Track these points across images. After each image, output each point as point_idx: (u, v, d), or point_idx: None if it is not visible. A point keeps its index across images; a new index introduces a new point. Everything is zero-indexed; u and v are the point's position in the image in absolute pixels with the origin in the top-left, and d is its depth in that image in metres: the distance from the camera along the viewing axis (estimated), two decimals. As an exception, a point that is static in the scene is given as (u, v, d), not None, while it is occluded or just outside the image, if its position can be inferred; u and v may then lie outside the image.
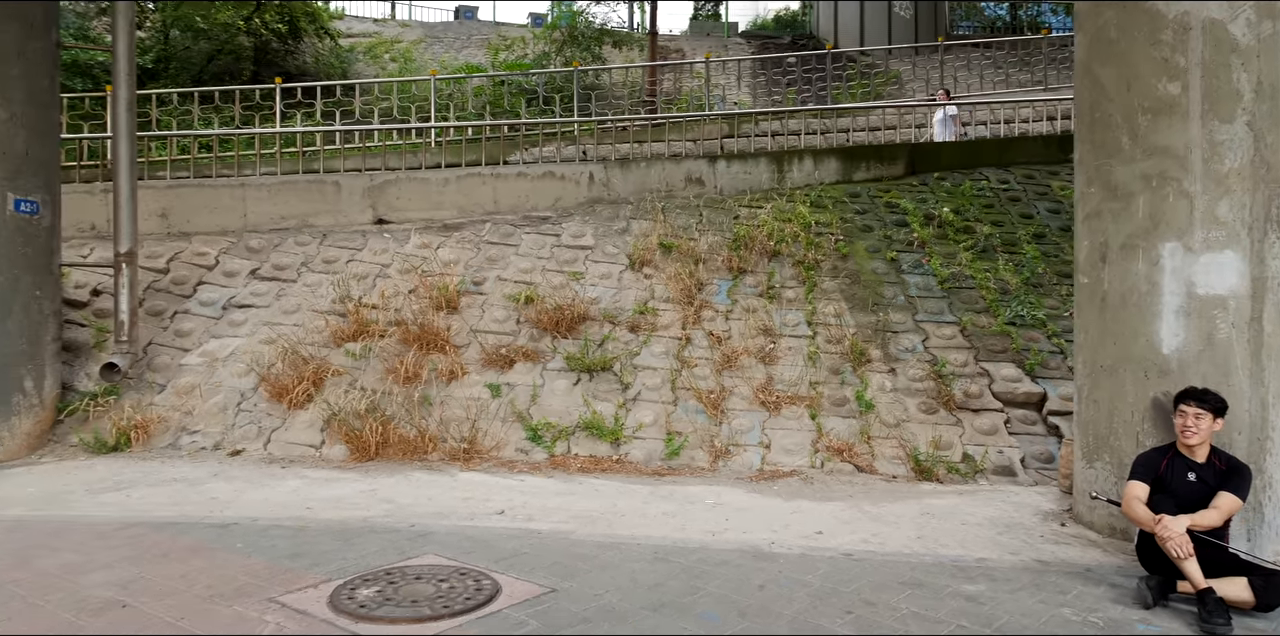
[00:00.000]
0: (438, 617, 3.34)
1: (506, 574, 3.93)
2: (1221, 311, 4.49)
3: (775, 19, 28.46)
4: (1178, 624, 3.58)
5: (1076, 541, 4.78)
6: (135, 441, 6.70)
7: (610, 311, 7.92)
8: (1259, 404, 4.45)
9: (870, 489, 5.89)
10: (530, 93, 14.40)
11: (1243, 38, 4.45)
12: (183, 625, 3.31)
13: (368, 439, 6.53)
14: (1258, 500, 4.44)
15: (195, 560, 4.14)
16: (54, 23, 7.01)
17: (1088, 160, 5.04)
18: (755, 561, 4.25)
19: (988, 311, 7.93)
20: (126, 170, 7.29)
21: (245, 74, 15.60)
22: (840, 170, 10.41)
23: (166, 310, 8.04)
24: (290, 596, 3.60)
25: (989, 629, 3.44)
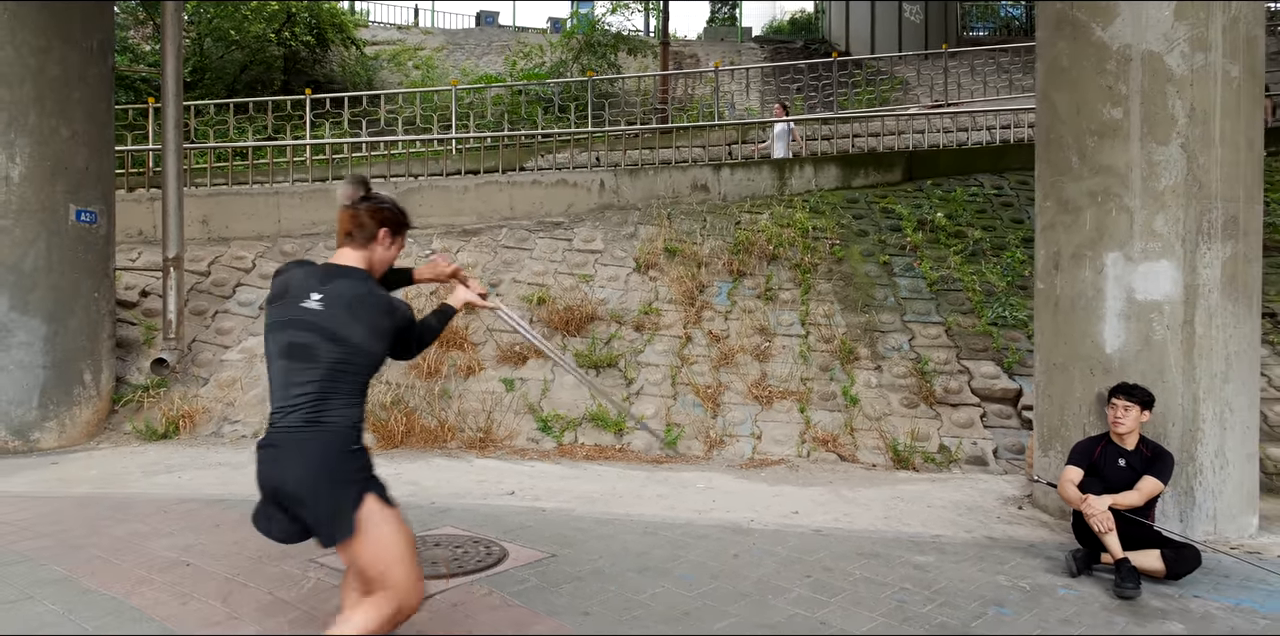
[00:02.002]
0: (453, 575, 3.93)
1: (514, 542, 4.51)
2: (1158, 315, 4.98)
3: (790, 22, 28.87)
4: (1096, 590, 4.09)
5: (1029, 522, 5.29)
6: (182, 429, 7.37)
7: (617, 312, 8.49)
8: (1191, 398, 4.94)
9: (850, 476, 6.42)
10: (547, 101, 15.01)
11: (1177, 68, 4.93)
12: (239, 579, 3.92)
13: (393, 428, 7.14)
14: (1189, 485, 4.94)
15: (244, 529, 4.74)
16: (110, 50, 7.69)
17: (1044, 177, 5.54)
18: (733, 535, 4.80)
19: (972, 312, 8.42)
20: (174, 182, 7.96)
21: (276, 83, 16.34)
22: (840, 176, 10.91)
23: (208, 310, 8.71)
24: (328, 558, 4.20)
25: (928, 591, 3.98)
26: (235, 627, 3.39)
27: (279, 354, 2.59)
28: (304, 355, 2.55)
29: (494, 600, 3.68)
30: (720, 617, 3.56)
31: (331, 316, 2.56)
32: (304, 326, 2.56)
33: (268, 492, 2.56)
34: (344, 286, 2.61)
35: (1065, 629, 3.58)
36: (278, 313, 2.62)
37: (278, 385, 2.58)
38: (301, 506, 2.50)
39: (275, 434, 2.54)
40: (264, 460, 2.54)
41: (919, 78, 16.53)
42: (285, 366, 2.57)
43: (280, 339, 2.59)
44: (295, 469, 2.49)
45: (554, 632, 3.37)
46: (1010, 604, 3.84)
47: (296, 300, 2.59)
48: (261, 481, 2.56)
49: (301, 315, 2.57)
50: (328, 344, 2.55)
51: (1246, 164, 4.99)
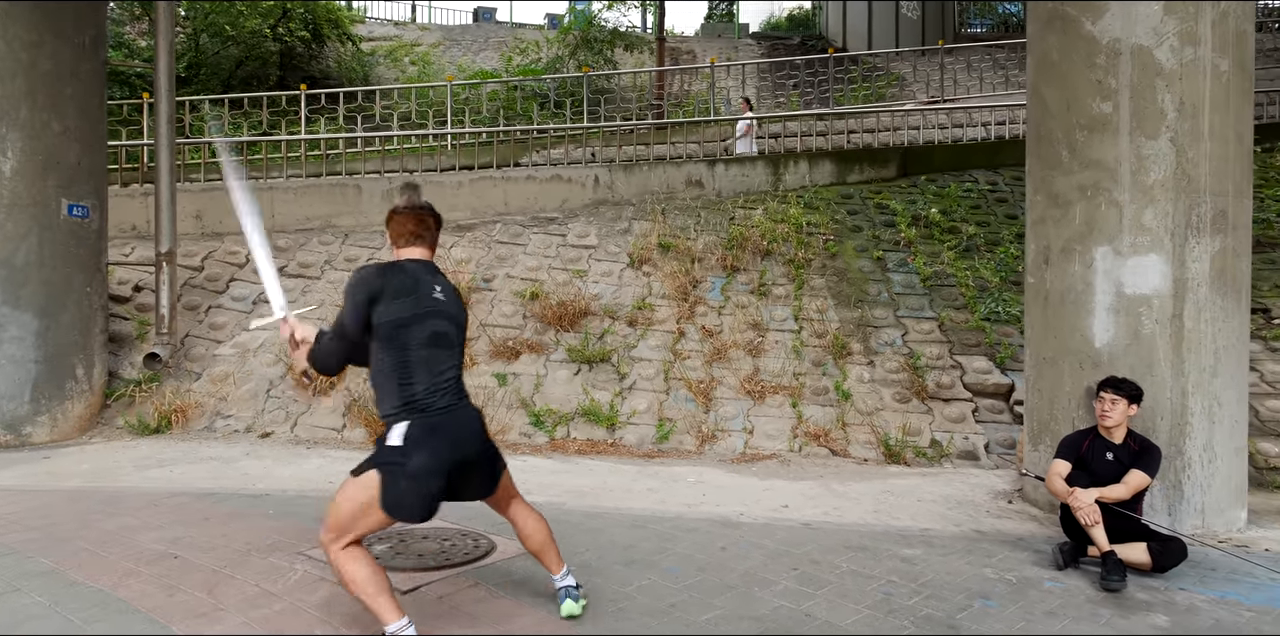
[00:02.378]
0: (439, 568, 3.94)
1: (501, 536, 4.51)
2: (1146, 309, 4.98)
3: (788, 18, 28.84)
4: (1082, 582, 4.10)
5: (1018, 516, 5.30)
6: (175, 424, 7.37)
7: (610, 307, 8.50)
8: (1179, 392, 4.95)
9: (841, 470, 6.43)
10: (543, 97, 15.00)
11: (1167, 62, 4.94)
12: (225, 571, 3.93)
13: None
14: (1178, 479, 4.95)
15: (233, 523, 4.76)
16: (103, 45, 7.67)
17: (1034, 172, 5.54)
18: (722, 529, 4.81)
19: (966, 308, 8.43)
20: (167, 177, 7.95)
21: (272, 78, 16.32)
22: (834, 172, 10.91)
23: (201, 305, 8.72)
24: (315, 551, 4.20)
25: (915, 583, 3.98)
26: (220, 618, 3.39)
27: (425, 343, 2.94)
28: (446, 342, 3.00)
29: (480, 592, 3.69)
30: (705, 610, 3.57)
31: (453, 305, 3.06)
32: (441, 317, 2.99)
33: (449, 466, 2.92)
34: (445, 280, 3.12)
35: (1050, 621, 3.59)
36: (413, 305, 2.93)
37: (423, 371, 2.92)
38: (479, 468, 3.09)
39: (437, 415, 2.92)
40: (447, 440, 2.91)
41: (915, 73, 16.52)
42: (432, 354, 2.95)
43: (424, 329, 2.94)
44: (476, 439, 3.05)
45: (538, 624, 3.38)
46: (996, 596, 3.85)
47: (428, 293, 2.98)
48: (443, 458, 2.89)
49: (436, 306, 2.98)
50: (457, 331, 3.06)
51: (1235, 158, 4.99)
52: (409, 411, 2.89)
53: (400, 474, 2.84)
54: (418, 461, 2.82)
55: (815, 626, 3.43)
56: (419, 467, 2.83)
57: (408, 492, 2.85)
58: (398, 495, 2.84)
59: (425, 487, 2.87)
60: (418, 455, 2.82)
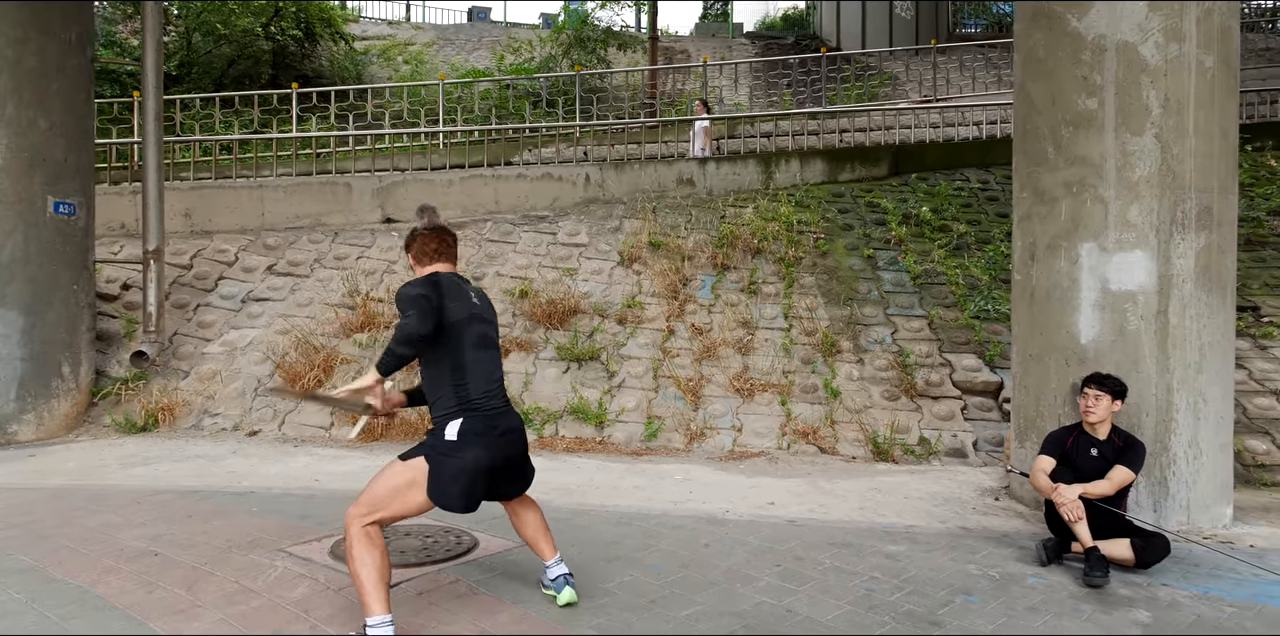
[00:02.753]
0: (421, 564, 3.92)
1: (485, 533, 4.50)
2: (1132, 305, 4.98)
3: (783, 18, 28.86)
4: (1065, 578, 4.09)
5: (1004, 513, 5.29)
6: (162, 422, 7.35)
7: (600, 305, 8.48)
8: (1164, 389, 4.94)
9: (829, 468, 6.42)
10: (535, 96, 14.98)
11: (1152, 58, 4.93)
12: (205, 568, 3.91)
13: (373, 422, 7.12)
14: (1163, 475, 4.94)
15: (216, 520, 4.74)
16: (89, 42, 7.64)
17: (1021, 168, 5.54)
18: (707, 526, 4.80)
19: (956, 306, 8.43)
20: (154, 175, 7.92)
21: (264, 77, 16.27)
22: (826, 171, 10.91)
23: (190, 303, 8.69)
24: (296, 548, 4.19)
25: (897, 579, 3.98)
26: (197, 615, 3.37)
27: (476, 344, 3.10)
28: (492, 344, 3.20)
29: (460, 588, 3.68)
30: (686, 606, 3.56)
31: (488, 310, 3.25)
32: (483, 321, 3.16)
33: (501, 463, 3.10)
34: (476, 288, 3.30)
35: (1031, 617, 3.58)
36: (463, 309, 3.09)
37: (478, 372, 3.09)
38: (518, 470, 3.26)
39: (497, 416, 3.09)
40: (499, 440, 3.07)
41: (908, 73, 16.53)
42: (484, 355, 3.12)
43: (474, 331, 3.11)
44: (521, 441, 3.20)
45: (517, 620, 3.37)
46: (978, 592, 3.84)
47: (469, 298, 3.15)
48: (496, 455, 3.06)
49: (475, 310, 3.14)
50: (495, 334, 3.24)
51: (1220, 154, 4.99)
52: (465, 410, 3.04)
53: (451, 465, 2.98)
54: (470, 456, 2.98)
55: (795, 622, 3.42)
56: (469, 462, 2.98)
57: (454, 483, 2.98)
58: (445, 484, 2.98)
59: (472, 484, 3.01)
60: (470, 450, 2.98)
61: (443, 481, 2.99)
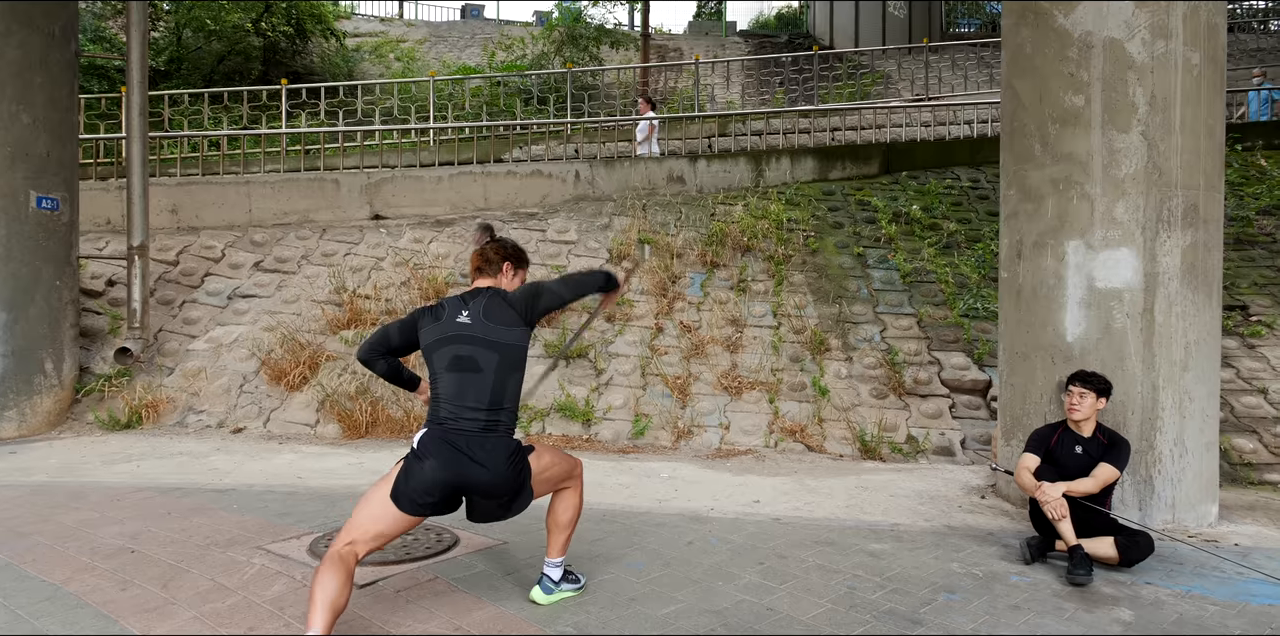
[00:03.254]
0: (400, 561, 3.89)
1: (467, 530, 4.46)
2: (1118, 303, 4.97)
3: (777, 17, 28.83)
4: (1049, 577, 4.07)
5: (990, 511, 5.28)
6: (146, 419, 7.29)
7: (589, 303, 8.44)
8: (1150, 387, 4.93)
9: (816, 466, 6.40)
10: (526, 93, 14.93)
11: (1138, 55, 4.92)
12: (181, 566, 3.86)
13: (358, 418, 7.08)
14: (1148, 474, 4.93)
15: (196, 517, 4.70)
16: (73, 35, 7.58)
17: (1008, 166, 5.52)
18: (691, 523, 4.77)
19: (945, 304, 8.41)
20: (139, 169, 7.86)
21: (254, 73, 16.20)
22: (816, 169, 10.89)
23: (176, 299, 8.63)
24: (275, 545, 4.15)
25: (880, 578, 3.95)
26: (171, 613, 3.33)
27: (449, 367, 3.12)
28: (470, 366, 3.11)
29: (438, 586, 3.64)
30: (666, 604, 3.53)
31: (483, 329, 3.11)
32: (465, 341, 3.09)
33: (459, 483, 3.06)
34: (490, 304, 3.15)
35: (1013, 615, 3.56)
36: (437, 332, 3.14)
37: (447, 392, 3.11)
38: (490, 497, 3.16)
39: (464, 436, 3.05)
40: (452, 458, 3.04)
41: (900, 71, 16.53)
42: (456, 378, 3.11)
43: (445, 354, 3.12)
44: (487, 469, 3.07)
45: (493, 619, 3.33)
46: (961, 590, 3.82)
47: (452, 319, 3.14)
48: (453, 475, 3.04)
49: (461, 331, 3.10)
50: (490, 354, 3.11)
51: (1207, 152, 4.98)
52: (431, 424, 3.09)
53: (410, 468, 3.02)
54: (426, 466, 2.99)
55: (775, 620, 3.39)
56: (425, 471, 2.98)
57: (405, 483, 2.99)
58: (399, 482, 3.00)
59: (421, 492, 2.98)
60: (426, 461, 2.99)
61: (398, 480, 3.02)
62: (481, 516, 3.19)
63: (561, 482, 3.38)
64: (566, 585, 3.54)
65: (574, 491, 3.44)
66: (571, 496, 3.43)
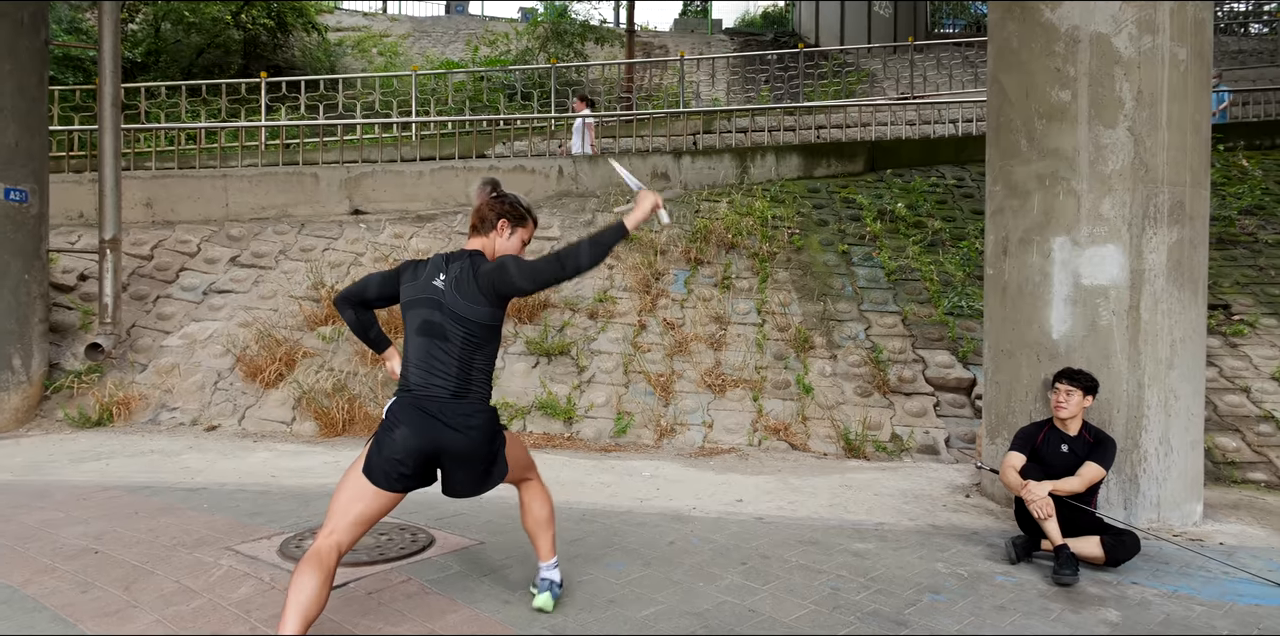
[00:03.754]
0: (373, 562, 3.78)
1: (443, 530, 4.36)
2: (1104, 300, 4.92)
3: (762, 16, 28.80)
4: (1034, 577, 4.02)
5: (975, 510, 5.22)
6: (117, 417, 7.13)
7: (571, 299, 8.35)
8: (1135, 385, 4.89)
9: (800, 465, 6.33)
10: (510, 88, 14.79)
11: (1125, 50, 4.87)
12: (146, 567, 3.74)
13: (335, 416, 6.95)
14: (1133, 473, 4.89)
15: (164, 517, 4.57)
16: (44, 22, 7.40)
17: (994, 161, 5.47)
18: (672, 523, 4.68)
19: (930, 302, 8.37)
20: (111, 161, 7.69)
21: (234, 67, 15.97)
22: (802, 166, 10.83)
23: (150, 295, 8.45)
24: (245, 546, 4.04)
25: (864, 578, 3.88)
26: (132, 616, 3.21)
27: (418, 330, 3.00)
28: (438, 333, 2.98)
29: (411, 587, 3.54)
30: (645, 605, 3.44)
31: (453, 297, 2.95)
32: (434, 307, 2.96)
33: (432, 450, 2.94)
34: (467, 268, 2.98)
35: (999, 616, 3.50)
36: (414, 291, 3.01)
37: (416, 357, 2.99)
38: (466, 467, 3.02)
39: (437, 402, 2.93)
40: (424, 424, 2.91)
41: (885, 70, 16.51)
42: (424, 342, 2.99)
43: (416, 316, 3.01)
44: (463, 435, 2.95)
45: (468, 621, 3.23)
46: (946, 591, 3.75)
47: (428, 282, 2.99)
48: (428, 441, 2.92)
49: (431, 295, 2.97)
50: (456, 324, 2.96)
51: (1193, 148, 4.95)
52: (400, 392, 2.97)
53: (380, 439, 2.90)
54: (397, 435, 2.87)
55: (757, 622, 3.32)
56: (396, 440, 2.86)
57: (377, 454, 2.88)
58: (370, 455, 2.90)
59: (393, 463, 2.85)
60: (397, 429, 2.87)
61: (370, 452, 2.90)
62: (457, 489, 3.04)
63: (527, 469, 3.28)
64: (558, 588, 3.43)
65: (539, 484, 3.35)
66: (540, 491, 3.33)
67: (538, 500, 3.31)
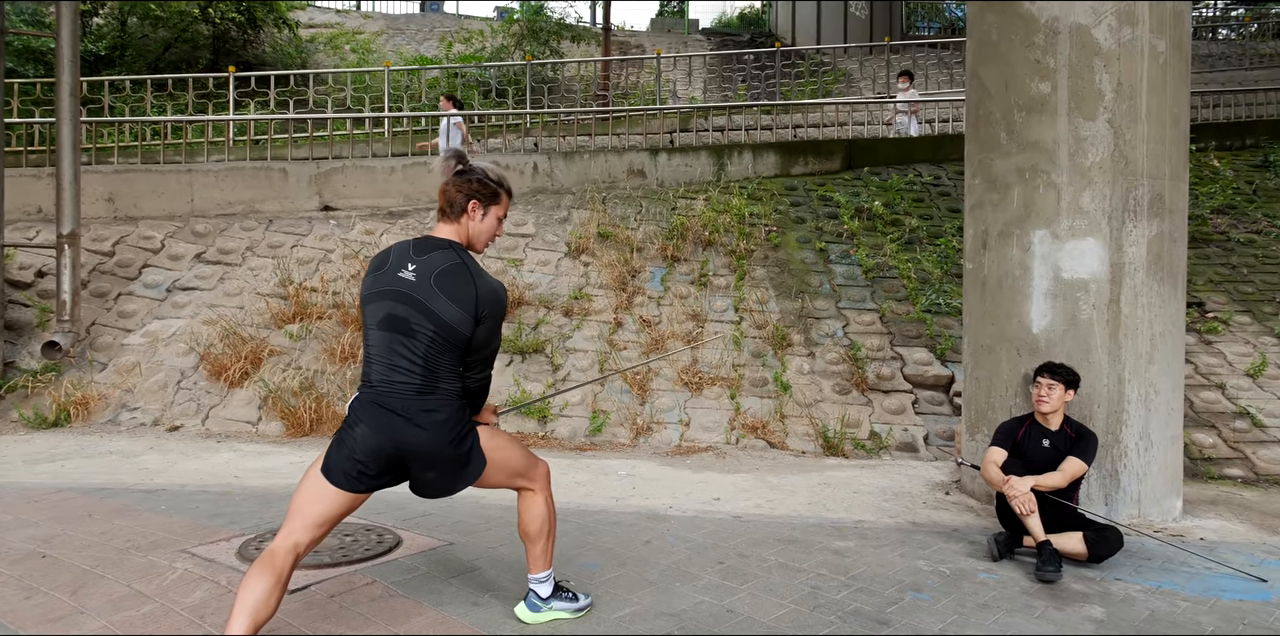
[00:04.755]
0: (336, 564, 3.62)
1: (411, 531, 4.21)
2: (1084, 294, 4.87)
3: (740, 17, 28.81)
4: (1017, 573, 3.94)
5: (955, 507, 5.15)
6: (75, 417, 6.89)
7: (546, 296, 8.21)
8: (1116, 379, 4.84)
9: (778, 463, 6.24)
10: (485, 85, 14.62)
11: (1105, 42, 4.83)
12: (96, 571, 3.56)
13: (303, 415, 6.77)
14: (1114, 468, 4.84)
15: (118, 519, 4.38)
16: (0, 13, 7.16)
17: (973, 155, 5.41)
18: (648, 522, 4.57)
19: (907, 299, 8.32)
20: (69, 153, 7.45)
21: (202, 62, 15.65)
22: (779, 164, 10.77)
23: (111, 292, 8.21)
24: (202, 548, 3.86)
25: (844, 577, 3.78)
26: (78, 623, 3.04)
27: (379, 324, 2.80)
28: (402, 327, 2.77)
29: (375, 590, 3.39)
30: (620, 606, 3.32)
31: (423, 289, 2.72)
32: (400, 299, 2.73)
33: (392, 449, 2.76)
34: (441, 260, 2.76)
35: (983, 614, 3.42)
36: (378, 283, 2.79)
37: (377, 353, 2.80)
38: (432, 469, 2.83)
39: (399, 398, 2.75)
40: (383, 423, 2.75)
41: (862, 70, 16.52)
42: (385, 337, 2.78)
43: (378, 309, 2.79)
44: (423, 437, 2.76)
45: (433, 624, 3.09)
46: (928, 588, 3.67)
47: (394, 272, 2.77)
48: (387, 440, 2.75)
49: (398, 287, 2.74)
50: (423, 318, 2.73)
51: (1172, 141, 4.91)
52: (362, 388, 2.82)
53: (340, 436, 2.76)
54: (357, 433, 2.72)
55: (735, 622, 3.20)
56: (355, 438, 2.71)
57: (336, 453, 2.74)
58: (330, 452, 2.76)
59: (354, 463, 2.70)
60: (358, 427, 2.72)
61: (329, 451, 2.75)
62: (426, 490, 2.86)
63: (519, 477, 2.98)
64: (560, 603, 3.13)
65: (539, 496, 3.03)
66: (536, 502, 3.03)
67: (529, 512, 3.03)
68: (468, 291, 2.70)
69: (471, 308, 2.70)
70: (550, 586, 3.13)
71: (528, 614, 3.11)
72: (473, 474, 2.83)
